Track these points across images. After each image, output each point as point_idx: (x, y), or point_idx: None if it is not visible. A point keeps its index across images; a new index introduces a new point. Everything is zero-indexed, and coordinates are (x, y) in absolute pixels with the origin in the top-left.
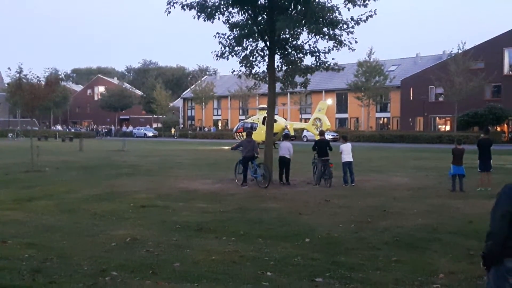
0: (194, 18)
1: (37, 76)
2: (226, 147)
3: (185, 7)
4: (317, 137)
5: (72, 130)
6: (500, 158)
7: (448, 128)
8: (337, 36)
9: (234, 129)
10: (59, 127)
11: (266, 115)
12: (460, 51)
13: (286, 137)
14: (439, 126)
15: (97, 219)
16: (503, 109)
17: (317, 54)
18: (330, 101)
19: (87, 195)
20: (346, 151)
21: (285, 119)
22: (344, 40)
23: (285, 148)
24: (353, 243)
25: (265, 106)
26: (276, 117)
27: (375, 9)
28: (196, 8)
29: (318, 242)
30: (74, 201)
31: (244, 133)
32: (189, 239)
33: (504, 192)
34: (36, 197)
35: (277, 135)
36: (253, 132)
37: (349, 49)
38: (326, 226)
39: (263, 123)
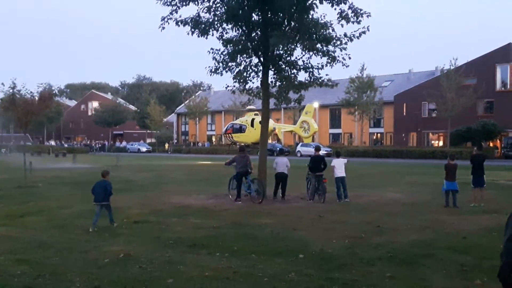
0: (188, 34)
1: (31, 92)
2: (220, 162)
3: (179, 23)
4: (305, 139)
5: (66, 146)
6: (493, 173)
7: (441, 143)
8: (330, 52)
9: (224, 130)
10: (52, 143)
11: (254, 117)
12: (452, 67)
13: (282, 152)
14: (432, 142)
15: (90, 235)
16: (496, 125)
17: (311, 70)
18: (316, 104)
19: (80, 211)
20: (338, 166)
21: (279, 138)
22: (338, 56)
23: (283, 164)
24: (347, 259)
25: (253, 107)
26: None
27: (368, 26)
28: (190, 24)
29: (312, 258)
30: (67, 216)
31: (232, 134)
32: (182, 255)
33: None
34: (29, 212)
35: None
36: (242, 133)
37: (342, 65)
38: (320, 242)
39: (252, 125)
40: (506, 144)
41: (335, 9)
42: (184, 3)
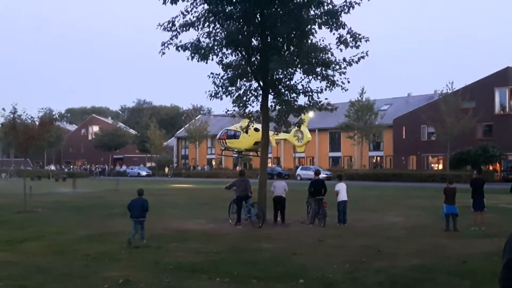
0: (188, 59)
1: (31, 117)
2: (220, 186)
3: (179, 48)
4: (299, 148)
5: (66, 170)
6: (493, 197)
7: (441, 167)
8: (329, 77)
9: (218, 136)
10: (52, 167)
11: (249, 123)
12: (450, 91)
13: (280, 175)
14: (432, 165)
15: (89, 261)
16: (495, 148)
17: (310, 94)
18: (312, 113)
19: (79, 236)
20: (342, 190)
21: (279, 157)
22: (337, 81)
23: (280, 188)
24: (347, 283)
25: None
26: (257, 125)
27: (367, 51)
28: (190, 49)
29: (313, 283)
30: (66, 242)
31: (226, 140)
32: (182, 281)
33: (508, 241)
34: (28, 238)
35: (259, 145)
36: (236, 139)
37: (342, 89)
38: (321, 267)
39: (246, 132)
40: (506, 168)
41: (333, 34)
42: (184, 29)
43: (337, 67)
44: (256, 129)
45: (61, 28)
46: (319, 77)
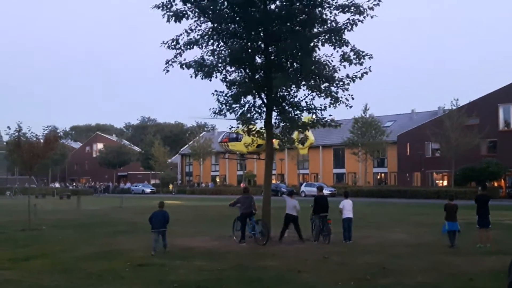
0: (192, 77)
1: (36, 135)
2: (224, 203)
3: (183, 66)
4: (301, 151)
5: (70, 187)
6: (498, 213)
7: (445, 183)
8: (333, 93)
9: (219, 139)
10: (57, 185)
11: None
12: (454, 108)
13: (291, 194)
14: (437, 181)
15: (93, 279)
16: (500, 164)
17: (314, 111)
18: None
19: (83, 254)
20: (347, 207)
21: (283, 174)
22: (341, 97)
23: (291, 206)
24: None
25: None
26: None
27: (370, 66)
28: (194, 67)
29: None
30: (70, 260)
31: (228, 143)
32: None
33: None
34: (32, 256)
35: (262, 147)
36: (238, 142)
37: (346, 106)
38: (325, 284)
39: (248, 134)
40: (511, 184)
41: (337, 51)
42: (188, 47)
43: (341, 83)
44: (258, 132)
45: (65, 46)
46: (322, 94)
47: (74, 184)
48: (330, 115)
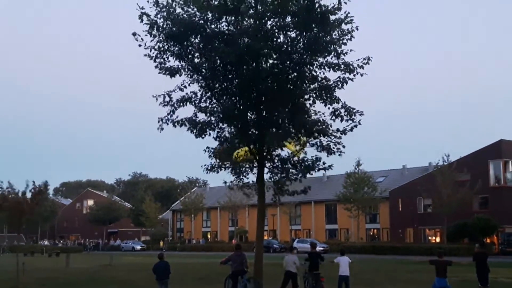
0: (186, 131)
1: (22, 191)
2: (215, 260)
3: (176, 124)
4: (297, 154)
5: (59, 245)
6: (493, 270)
7: (438, 239)
8: (325, 147)
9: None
10: (46, 242)
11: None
12: (445, 163)
13: (291, 249)
14: (429, 238)
15: None
16: (492, 220)
17: (306, 164)
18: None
19: None
20: (344, 264)
21: (275, 230)
22: (332, 148)
23: (291, 262)
24: None
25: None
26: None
27: (360, 120)
28: (187, 125)
29: None
30: None
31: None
32: None
33: None
34: None
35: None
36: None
37: (339, 154)
38: None
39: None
40: (504, 240)
41: (328, 108)
42: (181, 104)
43: (332, 137)
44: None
45: (56, 103)
46: (314, 147)
47: (63, 241)
48: (324, 163)
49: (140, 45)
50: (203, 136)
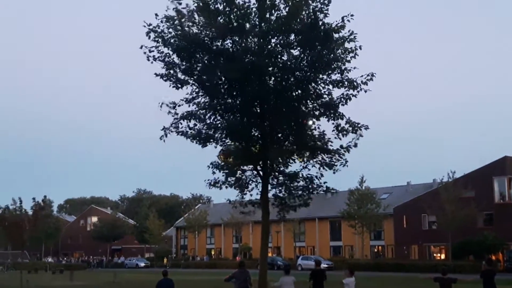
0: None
1: (24, 209)
2: (219, 277)
3: (180, 134)
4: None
5: (63, 262)
6: None
7: (443, 256)
8: (329, 163)
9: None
10: (50, 259)
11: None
12: (450, 180)
13: (287, 271)
14: (434, 255)
15: None
16: (497, 237)
17: (310, 181)
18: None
19: None
20: (351, 285)
21: (279, 246)
22: (335, 163)
23: (288, 284)
24: None
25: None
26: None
27: (361, 133)
28: (191, 138)
29: None
30: None
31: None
32: None
33: None
34: None
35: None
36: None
37: (344, 165)
38: None
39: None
40: (509, 257)
41: (332, 123)
42: (185, 119)
43: (335, 154)
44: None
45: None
46: (317, 164)
47: (66, 258)
48: (325, 182)
49: (148, 59)
50: (205, 145)
